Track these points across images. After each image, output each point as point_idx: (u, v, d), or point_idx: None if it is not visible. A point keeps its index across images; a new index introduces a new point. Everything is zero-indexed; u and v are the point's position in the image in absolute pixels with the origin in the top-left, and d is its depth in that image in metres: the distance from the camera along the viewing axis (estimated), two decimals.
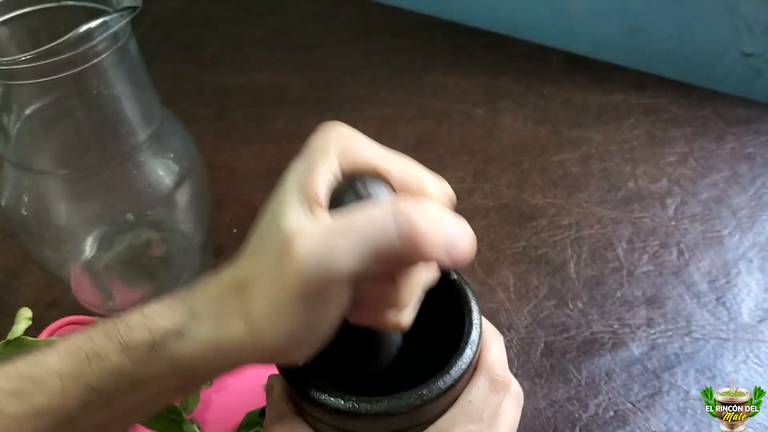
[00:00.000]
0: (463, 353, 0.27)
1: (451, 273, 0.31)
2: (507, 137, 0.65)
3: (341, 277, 0.22)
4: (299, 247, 0.22)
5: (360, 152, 0.26)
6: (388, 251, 0.22)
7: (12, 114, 0.40)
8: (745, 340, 0.47)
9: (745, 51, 0.67)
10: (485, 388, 0.28)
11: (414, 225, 0.22)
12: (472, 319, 0.29)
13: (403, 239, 0.22)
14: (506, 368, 0.30)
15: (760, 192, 0.57)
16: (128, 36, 0.40)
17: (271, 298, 0.23)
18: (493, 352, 0.29)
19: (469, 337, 0.28)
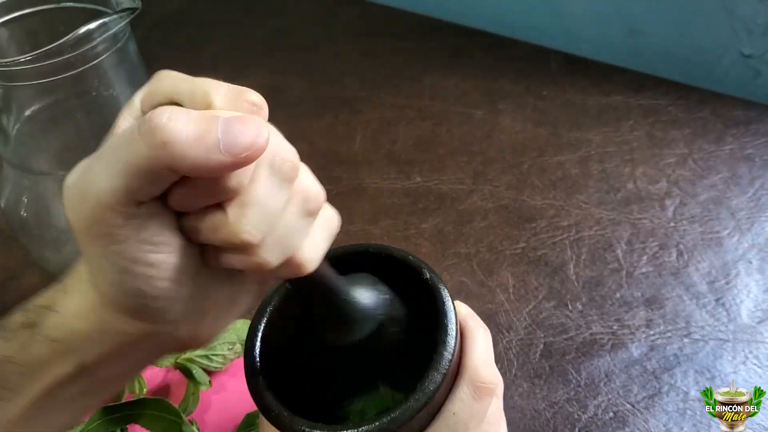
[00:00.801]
0: (436, 366, 0.25)
1: (424, 272, 0.29)
2: (506, 138, 0.65)
3: (102, 200, 0.20)
4: (65, 187, 0.21)
5: (159, 88, 0.24)
6: (137, 159, 0.20)
7: (12, 115, 0.40)
8: (744, 341, 0.47)
9: (744, 52, 0.67)
10: (469, 398, 0.26)
11: (155, 125, 0.19)
12: (446, 324, 0.27)
13: (148, 141, 0.19)
14: (492, 369, 0.28)
15: (759, 193, 0.57)
16: (127, 37, 0.40)
17: (84, 251, 0.22)
18: (476, 354, 0.27)
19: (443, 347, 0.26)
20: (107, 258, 0.21)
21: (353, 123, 0.68)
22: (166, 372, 0.46)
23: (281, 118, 0.83)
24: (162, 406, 0.40)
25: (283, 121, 0.81)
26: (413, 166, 0.63)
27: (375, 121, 0.68)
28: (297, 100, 0.72)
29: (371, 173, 0.62)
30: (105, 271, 0.22)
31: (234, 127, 0.20)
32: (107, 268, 0.21)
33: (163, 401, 0.40)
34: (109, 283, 0.22)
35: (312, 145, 0.66)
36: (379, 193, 0.60)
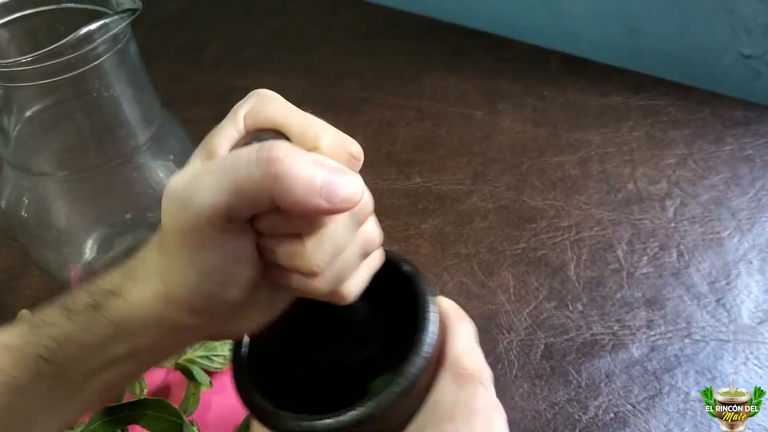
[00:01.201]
0: (418, 350, 0.26)
1: (402, 264, 0.30)
2: (506, 139, 0.65)
3: (203, 212, 0.22)
4: (168, 189, 0.23)
5: (266, 111, 0.27)
6: (247, 183, 0.21)
7: (12, 116, 0.40)
8: (744, 342, 0.47)
9: (744, 53, 0.67)
10: (452, 385, 0.26)
11: (273, 158, 0.21)
12: (425, 314, 0.27)
13: (264, 170, 0.21)
14: (475, 357, 0.28)
15: (760, 194, 0.57)
16: (128, 38, 0.40)
17: (166, 249, 0.24)
18: (458, 343, 0.28)
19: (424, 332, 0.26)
20: (192, 263, 0.23)
21: (353, 123, 0.68)
22: (167, 372, 0.46)
23: None
24: (162, 406, 0.40)
25: None
26: (413, 166, 0.63)
27: (375, 122, 0.68)
28: (297, 100, 0.72)
29: (371, 174, 0.62)
30: (186, 272, 0.23)
31: (338, 179, 0.23)
32: (189, 271, 0.23)
33: (164, 402, 0.40)
34: (185, 283, 0.24)
35: None
36: (379, 193, 0.60)
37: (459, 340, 0.28)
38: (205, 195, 0.22)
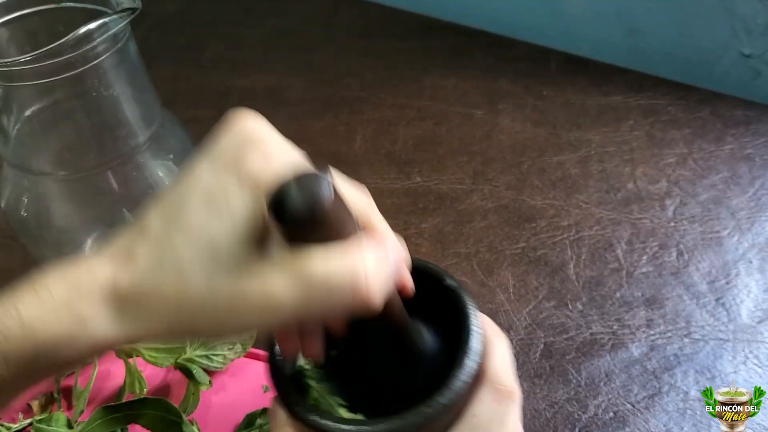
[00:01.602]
0: (464, 365, 0.26)
1: (446, 278, 0.30)
2: (506, 138, 0.65)
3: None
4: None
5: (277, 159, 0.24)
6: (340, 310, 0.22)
7: (12, 115, 0.40)
8: (744, 341, 0.47)
9: (744, 52, 0.67)
10: (490, 401, 0.27)
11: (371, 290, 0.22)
12: (470, 328, 0.28)
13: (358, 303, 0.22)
14: (511, 374, 0.28)
15: (759, 193, 0.57)
16: (128, 37, 0.40)
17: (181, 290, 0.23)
18: (496, 359, 0.28)
19: (470, 349, 0.27)
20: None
21: (353, 123, 0.68)
22: (167, 372, 0.46)
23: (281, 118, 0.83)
24: (162, 406, 0.40)
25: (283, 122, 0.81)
26: (413, 166, 0.63)
27: (375, 121, 0.68)
28: (297, 100, 0.73)
29: (371, 173, 0.62)
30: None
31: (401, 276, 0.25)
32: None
33: (164, 401, 0.40)
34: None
35: (312, 146, 0.65)
36: (379, 193, 0.60)
37: (497, 357, 0.28)
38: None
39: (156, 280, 0.22)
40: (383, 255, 0.23)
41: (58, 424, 0.41)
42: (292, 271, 0.21)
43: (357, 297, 0.21)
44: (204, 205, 0.22)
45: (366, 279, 0.21)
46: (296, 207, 0.20)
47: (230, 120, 0.24)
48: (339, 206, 0.21)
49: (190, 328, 0.23)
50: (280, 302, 0.21)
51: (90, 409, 0.43)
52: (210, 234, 0.22)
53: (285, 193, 0.20)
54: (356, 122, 0.68)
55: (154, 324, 0.22)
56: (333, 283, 0.21)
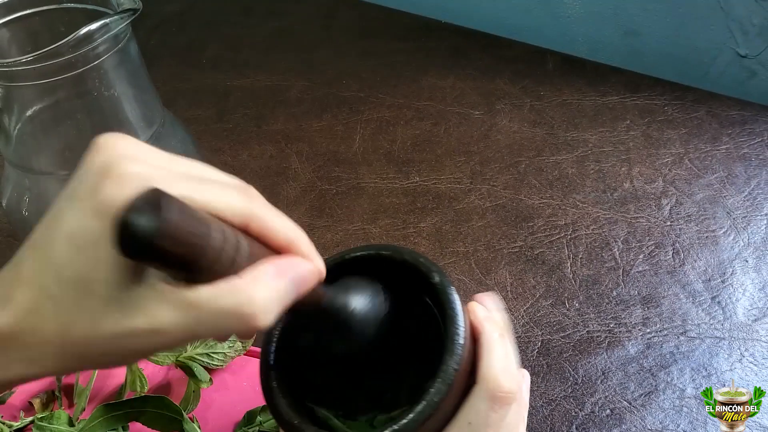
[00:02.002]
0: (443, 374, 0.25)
1: (433, 275, 0.28)
2: (503, 138, 0.66)
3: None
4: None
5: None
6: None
7: (13, 115, 0.40)
8: (740, 339, 0.47)
9: (740, 52, 0.67)
10: (486, 408, 0.26)
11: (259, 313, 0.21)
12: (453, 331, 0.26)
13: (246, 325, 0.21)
14: (512, 376, 0.27)
15: (755, 192, 0.58)
16: (128, 38, 0.40)
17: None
18: (494, 361, 0.27)
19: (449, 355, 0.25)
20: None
21: (352, 123, 0.69)
22: (167, 370, 0.47)
23: (281, 118, 0.83)
24: (163, 403, 0.40)
25: (283, 121, 0.82)
26: (411, 165, 0.63)
27: (374, 121, 0.69)
28: (296, 100, 0.73)
29: (370, 173, 0.63)
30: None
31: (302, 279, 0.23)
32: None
33: (164, 399, 0.40)
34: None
35: (311, 145, 0.66)
36: (378, 192, 0.61)
37: (495, 357, 0.27)
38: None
39: (35, 323, 0.21)
40: (276, 274, 0.22)
41: (59, 422, 0.42)
42: (176, 300, 0.21)
43: (243, 321, 0.21)
44: (68, 243, 0.21)
45: (251, 305, 0.21)
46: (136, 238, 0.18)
47: (91, 147, 0.22)
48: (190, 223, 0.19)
49: (79, 364, 0.22)
50: (167, 331, 0.21)
51: (91, 407, 0.43)
52: (79, 273, 0.21)
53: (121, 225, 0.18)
54: (355, 122, 0.69)
55: (41, 364, 0.22)
56: (219, 309, 0.21)
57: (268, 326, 0.22)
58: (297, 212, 0.59)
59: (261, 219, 0.23)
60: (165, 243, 0.18)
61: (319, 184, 0.61)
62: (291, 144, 0.66)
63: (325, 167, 0.63)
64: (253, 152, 0.66)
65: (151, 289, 0.21)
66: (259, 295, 0.21)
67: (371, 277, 0.29)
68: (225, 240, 0.20)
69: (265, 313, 0.21)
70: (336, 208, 0.59)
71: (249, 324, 0.21)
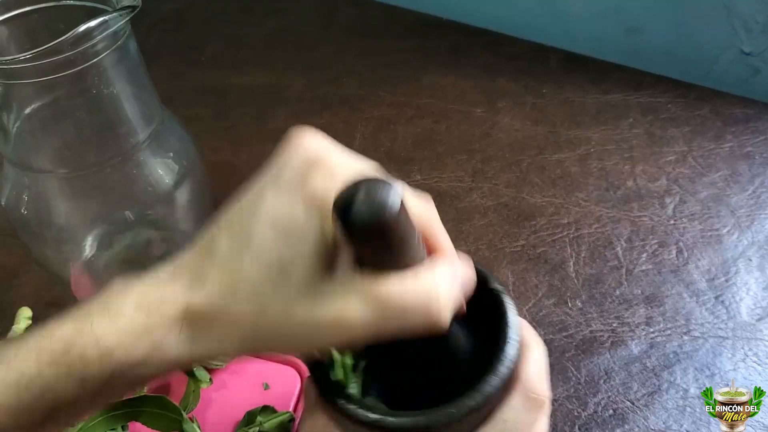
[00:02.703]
0: (496, 371, 0.26)
1: (491, 281, 0.30)
2: (505, 137, 0.65)
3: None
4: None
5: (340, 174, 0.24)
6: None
7: (12, 113, 0.40)
8: (743, 339, 0.47)
9: (744, 50, 0.67)
10: (520, 407, 0.27)
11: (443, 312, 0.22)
12: (508, 334, 0.28)
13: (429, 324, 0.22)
14: (544, 382, 0.28)
15: (759, 191, 0.57)
16: (128, 35, 0.40)
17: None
18: (531, 365, 0.28)
19: (504, 354, 0.27)
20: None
21: (353, 121, 0.68)
22: None
23: (280, 116, 0.83)
24: (162, 403, 0.40)
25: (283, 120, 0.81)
26: (413, 164, 0.63)
27: (374, 120, 0.68)
28: (296, 98, 0.72)
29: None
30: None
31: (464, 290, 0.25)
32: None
33: (164, 398, 0.40)
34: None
35: None
36: None
37: (532, 363, 0.28)
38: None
39: (230, 305, 0.22)
40: (453, 276, 0.23)
41: None
42: (365, 294, 0.21)
43: (429, 318, 0.22)
44: (271, 229, 0.22)
45: (438, 301, 0.22)
46: (363, 212, 0.19)
47: (290, 139, 0.25)
48: (405, 217, 0.21)
49: (265, 347, 0.24)
50: (354, 325, 0.21)
51: None
52: (280, 258, 0.22)
53: (352, 198, 0.20)
54: (355, 120, 0.68)
55: (227, 345, 0.23)
56: (407, 305, 0.21)
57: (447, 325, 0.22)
58: None
59: (437, 231, 0.25)
60: (386, 224, 0.20)
61: None
62: None
63: None
64: (253, 151, 0.65)
65: (343, 281, 0.22)
66: (443, 291, 0.22)
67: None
68: (419, 241, 0.22)
69: (448, 311, 0.22)
70: None
71: (434, 320, 0.22)
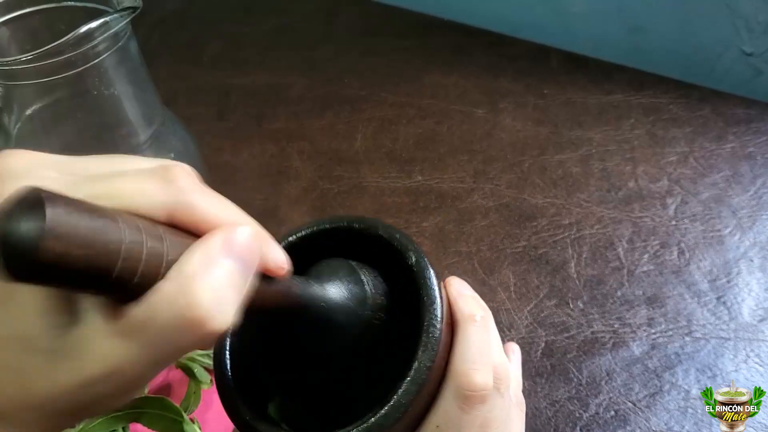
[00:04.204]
0: (414, 373, 0.22)
1: (409, 255, 0.25)
2: (507, 137, 0.65)
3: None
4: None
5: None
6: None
7: (13, 114, 0.40)
8: (745, 340, 0.47)
9: (745, 50, 0.67)
10: (454, 409, 0.23)
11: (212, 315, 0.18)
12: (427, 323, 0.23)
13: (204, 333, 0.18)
14: (486, 369, 0.24)
15: (761, 191, 0.57)
16: (128, 36, 0.40)
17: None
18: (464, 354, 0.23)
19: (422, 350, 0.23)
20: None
21: (354, 121, 0.68)
22: (168, 371, 0.46)
23: (282, 116, 0.83)
24: (163, 404, 0.40)
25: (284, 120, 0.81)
26: (414, 164, 0.63)
27: (375, 120, 0.68)
28: (297, 98, 0.72)
29: (372, 172, 0.62)
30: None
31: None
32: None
33: (165, 400, 0.40)
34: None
35: (312, 144, 0.65)
36: (380, 191, 0.60)
37: (466, 348, 0.24)
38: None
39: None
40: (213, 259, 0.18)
41: None
42: (117, 331, 0.18)
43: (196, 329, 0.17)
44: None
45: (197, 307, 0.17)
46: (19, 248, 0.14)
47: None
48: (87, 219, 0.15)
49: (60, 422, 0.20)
50: (124, 367, 0.18)
51: None
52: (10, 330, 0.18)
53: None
54: (357, 121, 0.68)
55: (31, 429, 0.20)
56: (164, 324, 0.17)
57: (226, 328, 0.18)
58: (298, 212, 0.58)
59: (187, 206, 0.19)
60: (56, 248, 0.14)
61: (321, 183, 0.61)
62: (292, 143, 0.66)
63: (326, 166, 0.63)
64: (254, 151, 0.65)
65: (90, 325, 0.18)
66: (199, 293, 0.17)
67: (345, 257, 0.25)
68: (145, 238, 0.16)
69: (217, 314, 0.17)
70: (338, 207, 0.59)
71: (201, 332, 0.17)
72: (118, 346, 0.18)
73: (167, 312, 0.17)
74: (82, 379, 0.18)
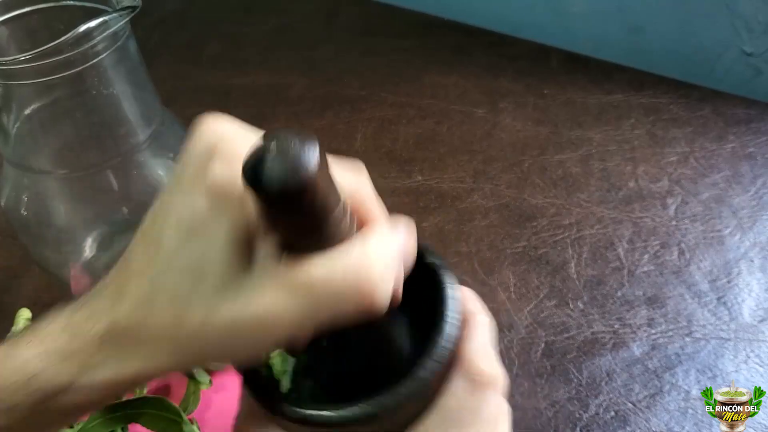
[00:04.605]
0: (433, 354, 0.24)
1: (426, 255, 0.27)
2: (507, 137, 0.65)
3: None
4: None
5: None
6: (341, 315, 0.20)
7: (11, 114, 0.40)
8: (745, 340, 0.47)
9: (745, 50, 0.67)
10: (462, 391, 0.25)
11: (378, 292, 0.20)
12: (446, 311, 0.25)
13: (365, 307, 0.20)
14: (489, 361, 0.26)
15: (761, 192, 0.57)
16: (128, 36, 0.40)
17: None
18: (473, 344, 0.26)
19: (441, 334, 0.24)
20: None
21: (354, 121, 0.68)
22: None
23: (282, 116, 0.82)
24: (162, 404, 0.40)
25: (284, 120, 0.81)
26: (414, 164, 0.63)
27: (375, 120, 0.68)
28: (297, 98, 0.72)
29: (372, 172, 0.61)
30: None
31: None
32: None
33: (164, 400, 0.40)
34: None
35: None
36: (380, 191, 0.60)
37: (475, 340, 0.26)
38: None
39: (148, 315, 0.21)
40: (387, 249, 0.21)
41: None
42: (288, 283, 0.19)
43: (362, 301, 0.20)
44: (177, 230, 0.21)
45: (370, 280, 0.19)
46: (276, 170, 0.16)
47: (193, 129, 0.22)
48: (326, 177, 0.18)
49: (194, 357, 0.22)
50: (280, 320, 0.20)
51: None
52: (190, 259, 0.20)
53: (262, 157, 0.17)
54: (357, 121, 0.68)
55: (158, 359, 0.21)
56: (336, 288, 0.19)
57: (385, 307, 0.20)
58: None
59: (365, 194, 0.23)
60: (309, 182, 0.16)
61: None
62: None
63: None
64: None
65: (263, 271, 0.20)
66: (376, 268, 0.20)
67: None
68: (344, 207, 0.19)
69: (383, 291, 0.20)
70: None
71: (368, 302, 0.19)
72: (285, 297, 0.19)
73: (344, 276, 0.19)
74: (240, 318, 0.20)
